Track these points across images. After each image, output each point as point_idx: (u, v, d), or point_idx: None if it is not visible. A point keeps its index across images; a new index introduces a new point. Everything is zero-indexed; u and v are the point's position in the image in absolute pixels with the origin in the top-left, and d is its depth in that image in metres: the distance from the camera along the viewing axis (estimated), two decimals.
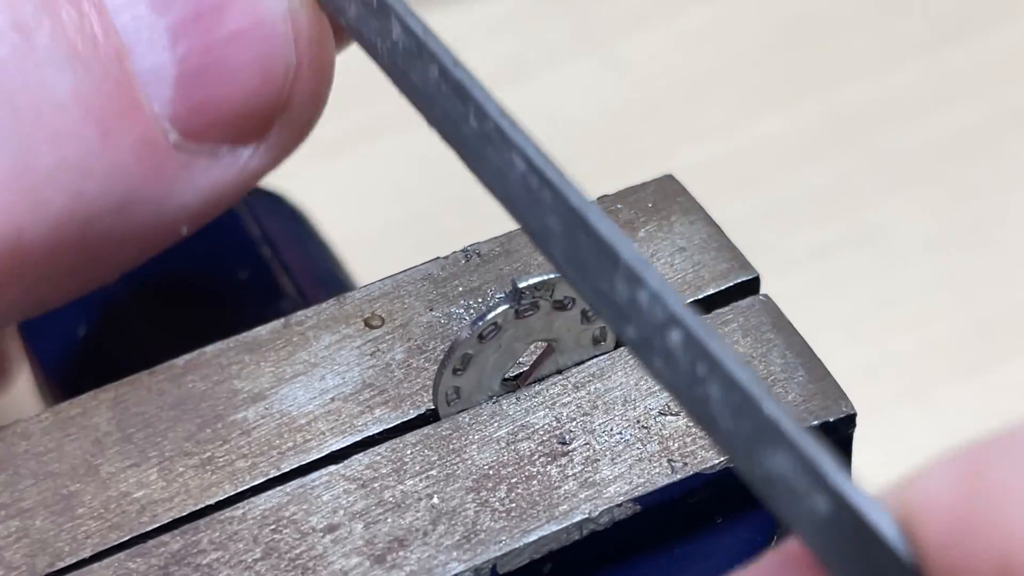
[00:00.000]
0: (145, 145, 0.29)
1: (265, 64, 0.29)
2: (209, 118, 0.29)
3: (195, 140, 0.29)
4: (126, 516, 0.29)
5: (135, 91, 0.29)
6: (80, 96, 0.28)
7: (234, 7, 0.29)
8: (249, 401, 0.30)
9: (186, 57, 0.29)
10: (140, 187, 0.29)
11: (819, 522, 0.21)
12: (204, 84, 0.29)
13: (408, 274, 0.32)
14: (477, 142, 0.27)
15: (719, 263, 0.33)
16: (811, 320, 0.33)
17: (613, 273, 0.24)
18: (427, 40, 0.28)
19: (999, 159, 0.64)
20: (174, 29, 0.29)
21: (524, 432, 0.30)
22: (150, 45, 0.29)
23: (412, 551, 0.28)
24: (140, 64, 0.29)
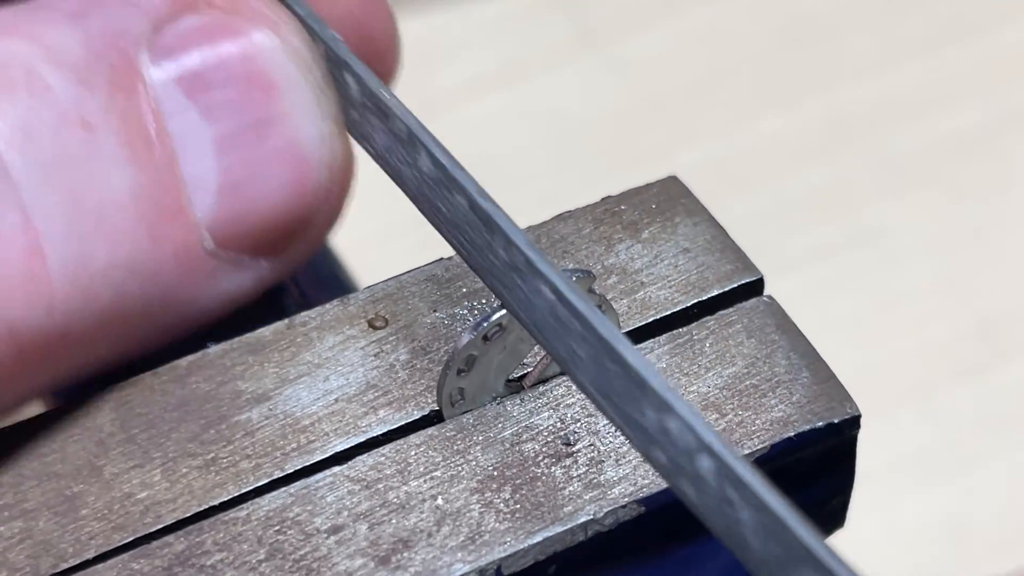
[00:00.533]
0: (185, 250, 0.30)
1: (299, 184, 0.30)
2: (242, 229, 0.30)
3: (226, 249, 0.30)
4: (130, 517, 0.29)
5: (182, 196, 0.29)
6: (136, 197, 0.29)
7: (277, 126, 0.30)
8: (253, 402, 0.30)
9: (229, 168, 0.30)
10: (173, 290, 0.30)
11: None
12: (242, 196, 0.30)
13: (412, 275, 0.32)
14: (504, 271, 0.28)
15: (723, 264, 0.32)
16: (811, 321, 0.33)
17: (642, 400, 0.25)
18: (454, 171, 0.28)
19: (999, 159, 0.64)
20: (220, 140, 0.30)
21: (528, 433, 0.30)
22: (198, 153, 0.30)
23: (416, 552, 0.28)
24: (187, 170, 0.29)
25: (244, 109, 0.30)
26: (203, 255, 0.30)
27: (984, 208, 0.63)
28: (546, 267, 0.27)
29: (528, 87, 0.67)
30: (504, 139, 0.65)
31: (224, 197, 0.30)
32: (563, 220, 0.33)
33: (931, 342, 0.60)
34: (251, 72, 0.30)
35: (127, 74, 0.29)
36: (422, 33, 0.68)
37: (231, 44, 0.30)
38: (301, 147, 0.30)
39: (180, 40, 0.29)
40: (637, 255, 0.33)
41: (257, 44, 0.30)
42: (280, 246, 0.31)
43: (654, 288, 0.32)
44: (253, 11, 0.30)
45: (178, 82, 0.29)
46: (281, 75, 0.30)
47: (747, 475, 0.24)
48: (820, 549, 0.23)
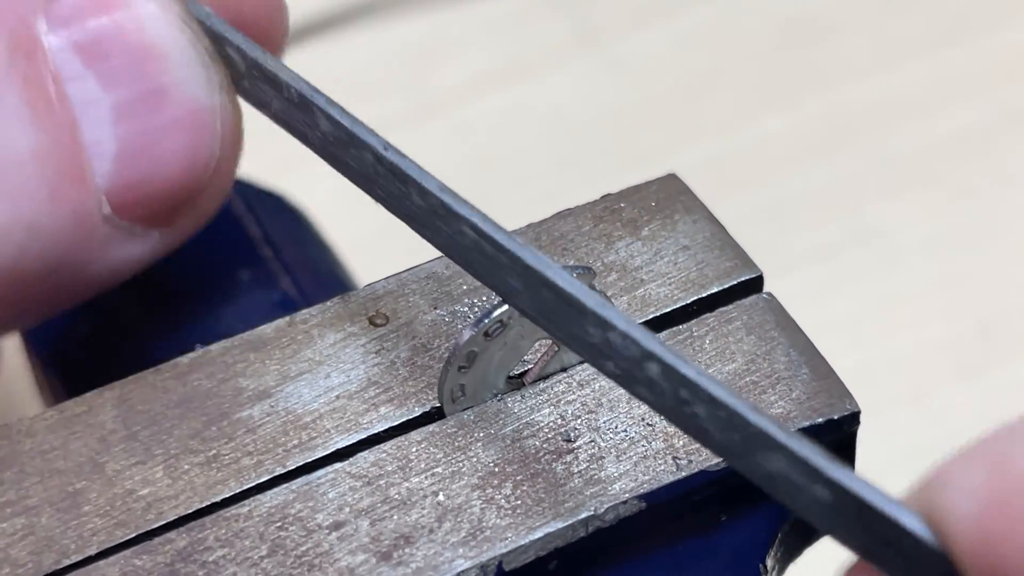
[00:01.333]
0: (84, 213, 0.30)
1: (193, 153, 0.31)
2: (138, 197, 0.31)
3: (122, 216, 0.31)
4: (132, 513, 0.29)
5: (82, 160, 0.30)
6: (37, 157, 0.29)
7: (172, 95, 0.31)
8: (254, 399, 0.30)
9: (126, 136, 0.30)
10: (70, 253, 0.30)
11: (824, 509, 0.24)
12: (138, 164, 0.31)
13: (412, 272, 0.32)
14: (425, 216, 0.29)
15: (723, 261, 0.33)
16: (811, 320, 0.33)
17: (582, 320, 0.26)
18: (355, 130, 0.29)
19: (1000, 160, 0.64)
20: (118, 107, 0.30)
21: (529, 429, 0.30)
22: (96, 119, 0.30)
23: (418, 548, 0.28)
24: (87, 135, 0.30)
25: (139, 78, 0.30)
26: (100, 220, 0.30)
27: (984, 208, 0.63)
28: (463, 208, 0.28)
29: (528, 87, 0.66)
30: (504, 139, 0.65)
31: (122, 164, 0.30)
32: (563, 218, 0.33)
33: (931, 342, 0.60)
34: (145, 42, 0.30)
35: (26, 38, 0.30)
36: (422, 33, 0.68)
37: (124, 13, 0.30)
38: (194, 117, 0.31)
39: (75, 8, 0.30)
40: (637, 252, 0.33)
41: (149, 14, 0.30)
42: (172, 216, 0.31)
43: (654, 285, 0.32)
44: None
45: (75, 49, 0.30)
46: (173, 45, 0.31)
47: (692, 373, 0.25)
48: (773, 429, 0.24)
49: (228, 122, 0.32)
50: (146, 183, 0.31)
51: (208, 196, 0.32)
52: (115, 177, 0.30)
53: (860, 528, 0.24)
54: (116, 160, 0.30)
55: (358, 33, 0.69)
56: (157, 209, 0.31)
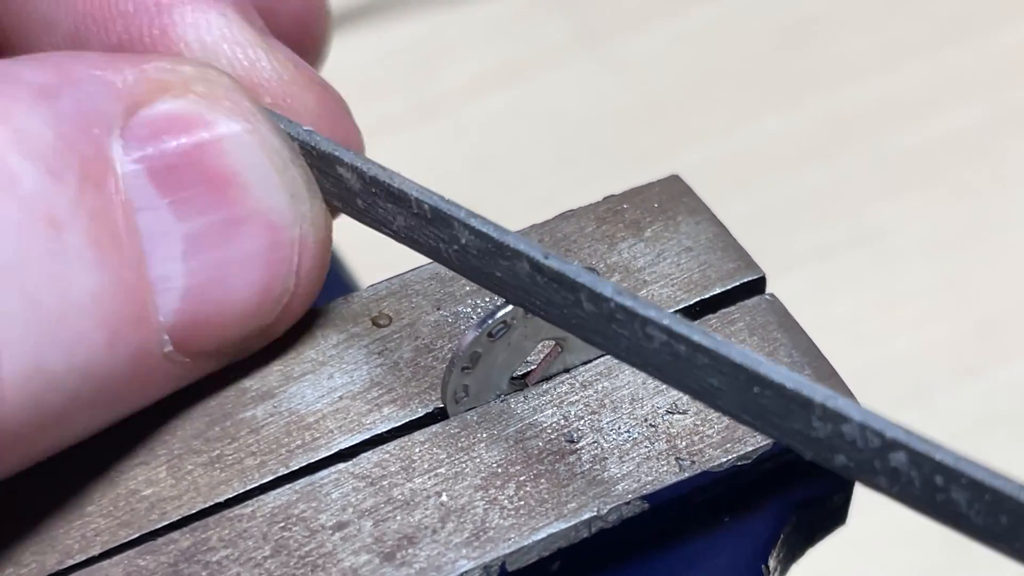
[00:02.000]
0: (144, 355, 0.28)
1: (267, 288, 0.29)
2: (204, 334, 0.29)
3: (183, 352, 0.29)
4: (135, 514, 0.29)
5: (147, 298, 0.28)
6: (99, 300, 0.27)
7: (251, 225, 0.28)
8: (257, 399, 0.30)
9: (197, 270, 0.28)
10: (123, 391, 0.28)
11: None
12: (207, 300, 0.28)
13: (415, 273, 0.32)
14: (598, 323, 0.27)
15: (725, 263, 0.33)
16: (812, 321, 0.33)
17: (807, 414, 0.25)
18: (505, 239, 0.27)
19: (1000, 160, 0.64)
20: (190, 239, 0.28)
21: (532, 430, 0.30)
22: (166, 253, 0.28)
23: (421, 549, 0.28)
24: (154, 271, 0.28)
25: (217, 208, 0.28)
26: (160, 359, 0.28)
27: (984, 208, 0.63)
28: (648, 310, 0.26)
29: (528, 87, 0.67)
30: (504, 139, 0.65)
31: (189, 300, 0.28)
32: (566, 219, 0.33)
33: (931, 342, 0.60)
34: (226, 168, 0.28)
35: (98, 163, 0.27)
36: (422, 33, 0.68)
37: (207, 134, 0.28)
38: (272, 251, 0.29)
39: (155, 128, 0.28)
40: (640, 253, 0.33)
41: (233, 136, 0.28)
42: (235, 350, 0.30)
43: (657, 286, 0.32)
44: (231, 100, 0.29)
45: (149, 174, 0.28)
46: (257, 172, 0.28)
47: (948, 459, 0.24)
48: None
49: (309, 252, 0.29)
50: (213, 320, 0.28)
51: (280, 326, 0.30)
52: (181, 315, 0.28)
53: None
54: (184, 297, 0.28)
55: (358, 33, 0.69)
56: (221, 344, 0.29)
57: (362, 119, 0.67)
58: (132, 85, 0.28)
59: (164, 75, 0.28)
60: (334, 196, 0.30)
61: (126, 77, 0.28)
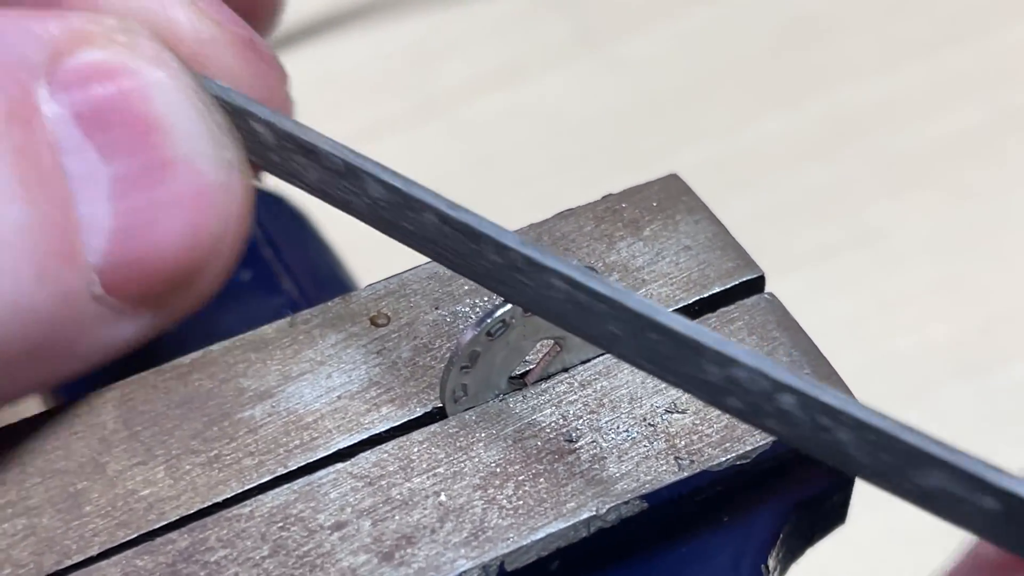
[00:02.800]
0: (72, 293, 0.28)
1: (194, 233, 0.29)
2: (132, 277, 0.29)
3: (113, 295, 0.29)
4: (133, 514, 0.29)
5: (74, 237, 0.28)
6: (25, 234, 0.27)
7: (176, 170, 0.29)
8: (256, 399, 0.30)
9: (124, 212, 0.29)
10: (56, 332, 0.28)
11: (992, 519, 0.24)
12: (135, 242, 0.29)
13: (414, 273, 0.32)
14: (502, 272, 0.28)
15: (724, 262, 0.33)
16: (812, 320, 0.33)
17: (699, 359, 0.26)
18: (413, 192, 0.28)
19: (1000, 160, 0.64)
20: (117, 181, 0.28)
21: (531, 430, 0.30)
22: (93, 193, 0.28)
23: (420, 548, 0.28)
24: (82, 210, 0.28)
25: (143, 150, 0.29)
26: (89, 299, 0.28)
27: (985, 208, 0.63)
28: (551, 261, 0.27)
29: (528, 87, 0.67)
30: (504, 139, 0.65)
31: (117, 242, 0.28)
32: (564, 218, 0.33)
33: (932, 342, 0.60)
34: (151, 112, 0.29)
35: (24, 106, 0.28)
36: (422, 33, 0.68)
37: (131, 82, 0.29)
38: (198, 195, 0.29)
39: (79, 74, 0.28)
40: (638, 252, 0.33)
41: (157, 84, 0.29)
42: (168, 296, 0.30)
43: (656, 285, 0.32)
44: (153, 50, 0.29)
45: (76, 118, 0.28)
46: (181, 117, 0.29)
47: (834, 400, 0.25)
48: (931, 446, 0.24)
49: (235, 201, 0.30)
50: (142, 262, 0.29)
51: (207, 278, 0.30)
52: (109, 255, 0.28)
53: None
54: (111, 237, 0.28)
55: (358, 33, 0.69)
56: (152, 289, 0.29)
57: (362, 119, 0.68)
58: (56, 36, 0.28)
59: (87, 26, 0.29)
60: (249, 151, 0.30)
61: (49, 28, 0.29)
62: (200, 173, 0.29)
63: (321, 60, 0.67)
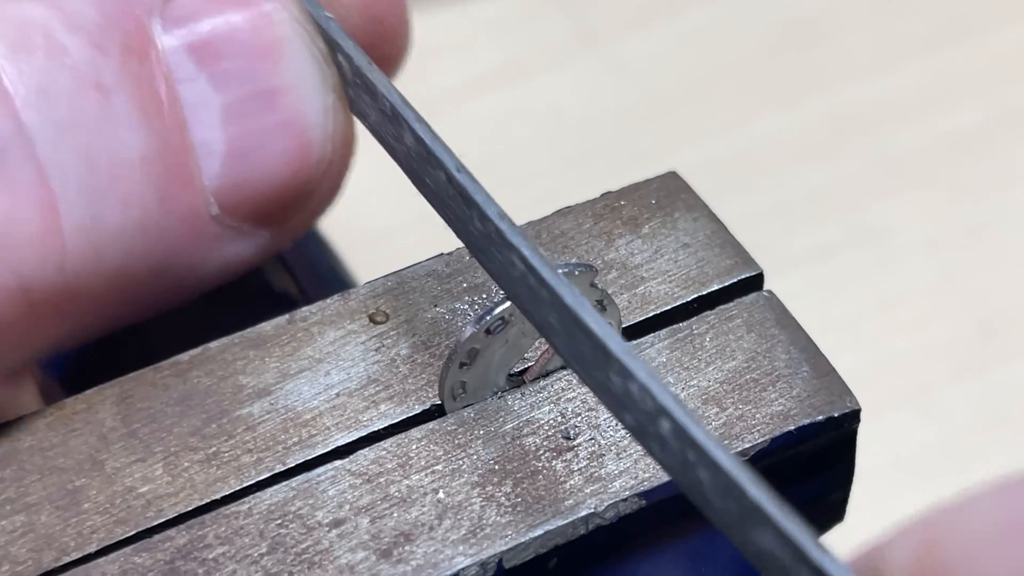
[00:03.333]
0: (192, 215, 0.30)
1: (303, 155, 0.31)
2: (247, 197, 0.31)
3: (231, 216, 0.31)
4: (132, 511, 0.29)
5: (191, 161, 0.30)
6: (147, 160, 0.29)
7: (283, 97, 0.31)
8: (254, 396, 0.30)
9: (236, 137, 0.30)
10: (179, 253, 0.30)
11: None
12: (247, 165, 0.31)
13: (412, 270, 0.32)
14: (482, 241, 0.28)
15: (723, 259, 0.33)
16: (811, 320, 0.33)
17: (607, 366, 0.26)
18: (434, 147, 0.29)
19: (999, 160, 0.64)
20: (228, 108, 0.30)
21: (529, 427, 0.30)
22: (206, 120, 0.30)
23: (418, 545, 0.28)
24: (196, 136, 0.30)
25: (251, 79, 0.30)
26: (208, 220, 0.30)
27: (984, 208, 0.63)
28: (516, 238, 0.27)
29: (528, 87, 0.67)
30: (504, 139, 0.65)
31: (230, 165, 0.30)
32: (563, 216, 0.33)
33: (931, 342, 0.60)
34: (259, 42, 0.30)
35: (140, 40, 0.30)
36: (422, 33, 0.68)
37: (240, 14, 0.30)
38: (305, 119, 0.31)
39: (191, 8, 0.30)
40: (637, 250, 0.33)
41: (265, 15, 0.30)
42: (281, 216, 0.31)
43: (654, 283, 0.32)
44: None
45: (189, 49, 0.30)
46: (288, 47, 0.30)
47: (700, 436, 0.24)
48: (770, 507, 0.23)
49: (339, 123, 0.31)
50: (255, 183, 0.31)
51: (318, 197, 0.32)
52: (224, 178, 0.30)
53: None
54: (225, 161, 0.30)
55: None
56: (265, 209, 0.31)
57: None
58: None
59: None
60: None
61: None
62: (306, 99, 0.31)
63: None
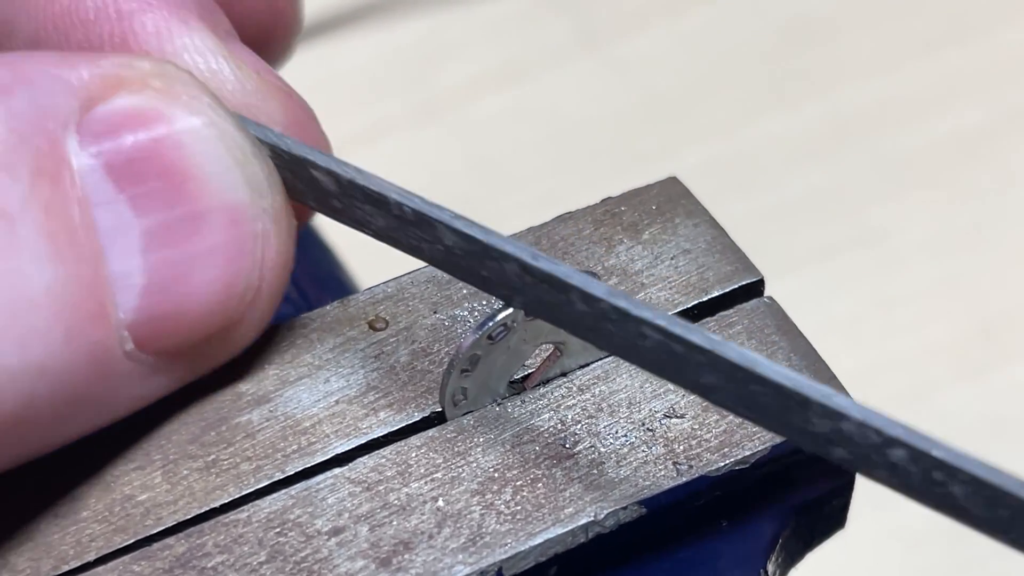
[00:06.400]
0: (102, 352, 0.27)
1: (230, 285, 0.28)
2: (165, 331, 0.28)
3: (146, 351, 0.28)
4: (131, 519, 0.29)
5: (105, 294, 0.27)
6: (53, 295, 0.26)
7: (212, 220, 0.28)
8: (253, 404, 0.30)
9: (157, 266, 0.28)
10: (87, 393, 0.27)
11: None
12: (168, 297, 0.28)
13: (412, 276, 0.32)
14: (590, 320, 0.27)
15: (723, 265, 0.32)
16: (812, 321, 0.33)
17: (806, 412, 0.26)
18: (493, 242, 0.27)
19: (1000, 160, 0.64)
20: (149, 234, 0.28)
21: (529, 435, 0.30)
22: (125, 248, 0.27)
23: (417, 554, 0.28)
24: (113, 266, 0.27)
25: (176, 202, 0.28)
26: (121, 357, 0.28)
27: (985, 208, 0.63)
28: (643, 311, 0.26)
29: (528, 87, 0.67)
30: (504, 139, 0.65)
31: (149, 297, 0.28)
32: (563, 221, 0.33)
33: (931, 342, 0.60)
34: (184, 162, 0.28)
35: (53, 160, 0.27)
36: (422, 33, 0.68)
37: (165, 129, 0.28)
38: (234, 245, 0.28)
39: (110, 123, 0.27)
40: (637, 256, 0.33)
41: (192, 131, 0.28)
42: (203, 349, 0.29)
43: (654, 289, 0.32)
44: (189, 94, 0.28)
45: (107, 168, 0.27)
46: (216, 166, 0.28)
47: (947, 456, 0.25)
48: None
49: (272, 249, 0.29)
50: (176, 316, 0.28)
51: (244, 329, 0.29)
52: (141, 311, 0.27)
53: None
54: (143, 293, 0.27)
55: (358, 33, 0.69)
56: (186, 343, 0.28)
57: (362, 119, 0.67)
58: (88, 81, 0.27)
59: (120, 71, 0.28)
60: (308, 196, 0.29)
61: (81, 74, 0.27)
62: (236, 223, 0.28)
63: (321, 60, 0.67)
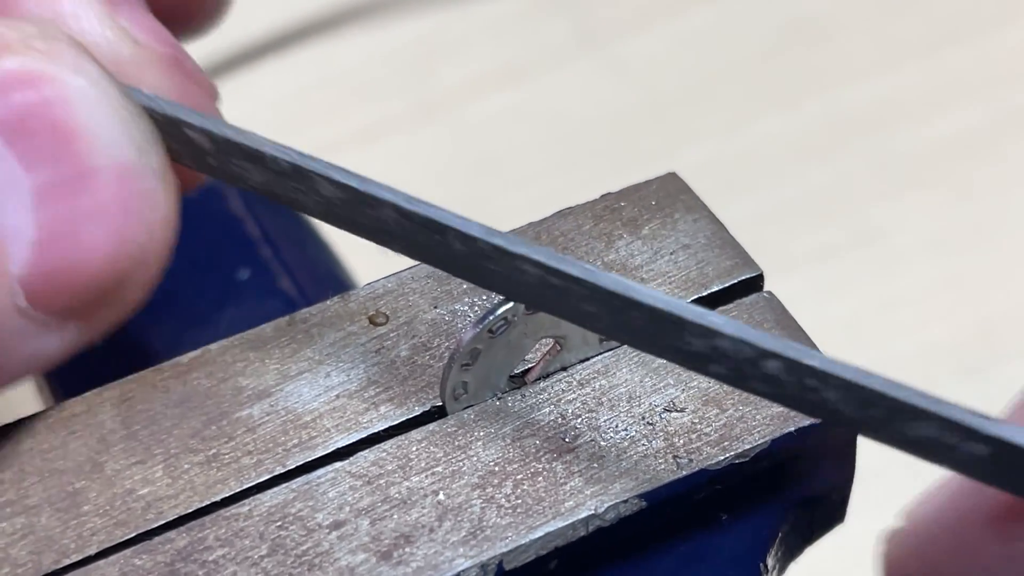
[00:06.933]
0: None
1: (120, 242, 0.29)
2: (56, 287, 0.28)
3: (37, 308, 0.28)
4: (132, 513, 0.29)
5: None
6: None
7: (101, 179, 0.28)
8: (254, 398, 0.30)
9: (47, 222, 0.28)
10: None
11: (981, 461, 0.26)
12: (58, 252, 0.28)
13: (412, 271, 0.32)
14: (468, 259, 0.28)
15: (723, 260, 0.33)
16: (812, 321, 0.33)
17: (682, 332, 0.27)
18: (368, 189, 0.28)
19: (1000, 160, 0.64)
20: (39, 191, 0.28)
21: (530, 429, 0.30)
22: (15, 203, 0.28)
23: (418, 547, 0.28)
24: (3, 221, 0.28)
25: (64, 159, 0.28)
26: (13, 313, 0.28)
27: (985, 208, 0.63)
28: (520, 247, 0.27)
29: (528, 87, 0.67)
30: (504, 139, 0.65)
31: (40, 252, 0.28)
32: (563, 216, 0.33)
33: (931, 343, 0.60)
34: (72, 120, 0.28)
35: None
36: (422, 33, 0.68)
37: (52, 89, 0.28)
38: (122, 203, 0.28)
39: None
40: (637, 251, 0.33)
41: (78, 91, 0.28)
42: (93, 309, 0.29)
43: (654, 284, 0.32)
44: (73, 57, 0.28)
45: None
46: (103, 125, 0.28)
47: (819, 363, 0.26)
48: (920, 400, 0.25)
49: (160, 209, 0.29)
50: (66, 272, 0.28)
51: (133, 288, 0.29)
52: (32, 266, 0.28)
53: None
54: (34, 248, 0.28)
55: (358, 33, 0.69)
56: (77, 300, 0.28)
57: (362, 119, 0.68)
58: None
59: (4, 32, 0.28)
60: (185, 155, 0.30)
61: None
62: (123, 181, 0.28)
63: (321, 60, 0.67)
